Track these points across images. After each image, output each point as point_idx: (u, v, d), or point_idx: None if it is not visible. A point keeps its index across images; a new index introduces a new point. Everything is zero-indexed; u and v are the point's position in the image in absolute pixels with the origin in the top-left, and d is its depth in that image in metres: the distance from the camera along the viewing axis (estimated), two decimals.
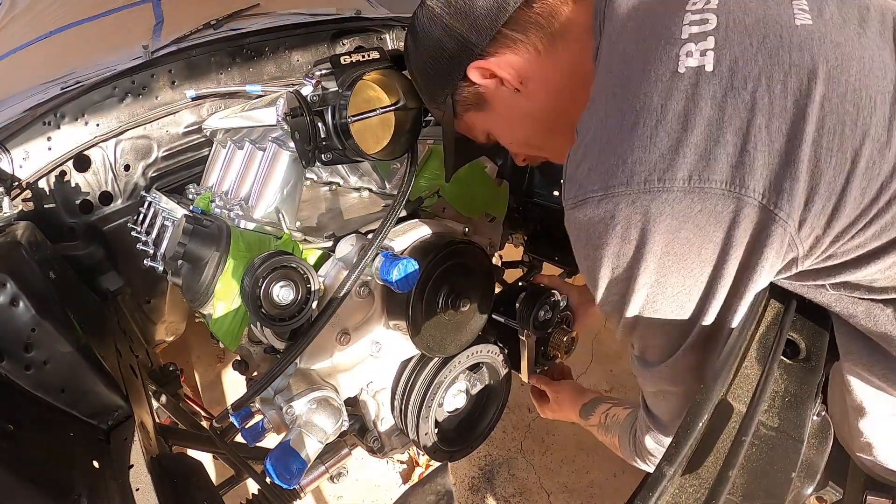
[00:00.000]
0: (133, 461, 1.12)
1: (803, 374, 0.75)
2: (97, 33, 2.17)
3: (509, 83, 0.89)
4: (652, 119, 0.66)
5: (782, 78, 0.63)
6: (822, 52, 0.64)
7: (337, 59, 1.11)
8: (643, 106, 0.67)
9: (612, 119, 0.70)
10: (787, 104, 0.63)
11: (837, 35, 0.65)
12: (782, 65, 0.64)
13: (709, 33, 0.67)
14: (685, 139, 0.64)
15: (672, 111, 0.65)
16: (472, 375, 1.42)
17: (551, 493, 2.23)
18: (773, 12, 0.68)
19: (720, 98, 0.64)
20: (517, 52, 0.87)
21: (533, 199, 1.75)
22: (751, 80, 0.64)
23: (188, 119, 1.79)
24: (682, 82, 0.66)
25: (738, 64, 0.65)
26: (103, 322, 1.52)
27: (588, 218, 0.70)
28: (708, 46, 0.66)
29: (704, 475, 0.61)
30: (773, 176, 0.62)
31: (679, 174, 0.63)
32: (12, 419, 1.00)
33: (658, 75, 0.67)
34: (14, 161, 1.49)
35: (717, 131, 0.63)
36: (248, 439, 1.13)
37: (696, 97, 0.64)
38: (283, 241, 1.20)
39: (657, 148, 0.65)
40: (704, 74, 0.65)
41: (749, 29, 0.67)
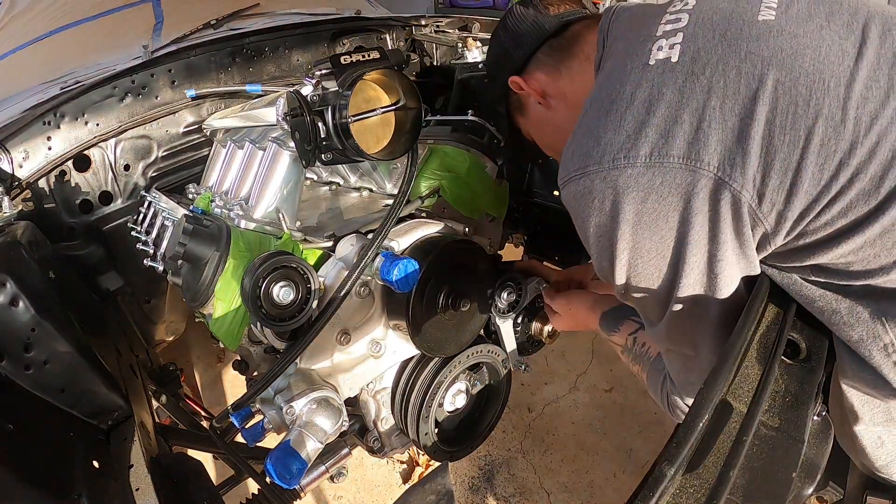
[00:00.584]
0: (133, 461, 1.12)
1: (804, 374, 0.76)
2: (97, 33, 2.17)
3: (534, 97, 1.05)
4: (623, 105, 0.75)
5: (737, 64, 0.71)
6: (778, 42, 0.71)
7: (337, 59, 1.11)
8: (617, 94, 0.77)
9: (594, 108, 0.81)
10: (739, 87, 0.70)
11: (797, 28, 0.72)
12: (738, 53, 0.71)
13: (679, 30, 0.77)
14: (648, 121, 0.73)
15: (639, 97, 0.74)
16: (473, 375, 1.42)
17: (551, 493, 2.23)
18: (740, 9, 0.76)
19: (681, 84, 0.72)
20: (545, 71, 1.04)
21: (533, 199, 1.75)
22: (709, 66, 0.72)
23: (188, 119, 1.78)
24: (650, 72, 0.75)
25: (700, 54, 0.73)
26: (103, 322, 1.51)
27: (573, 194, 0.81)
28: (676, 41, 0.76)
29: (705, 475, 0.61)
30: (727, 150, 0.70)
31: (642, 151, 0.72)
32: (12, 419, 1.00)
33: (632, 67, 0.78)
34: (14, 161, 1.48)
35: (676, 113, 0.72)
36: (248, 439, 1.12)
37: (660, 84, 0.74)
38: (283, 241, 1.20)
39: (624, 130, 0.74)
40: (669, 64, 0.74)
41: (714, 24, 0.75)
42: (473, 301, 1.28)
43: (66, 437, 1.12)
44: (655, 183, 0.73)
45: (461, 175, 1.41)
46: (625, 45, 0.84)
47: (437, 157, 1.40)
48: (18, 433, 0.99)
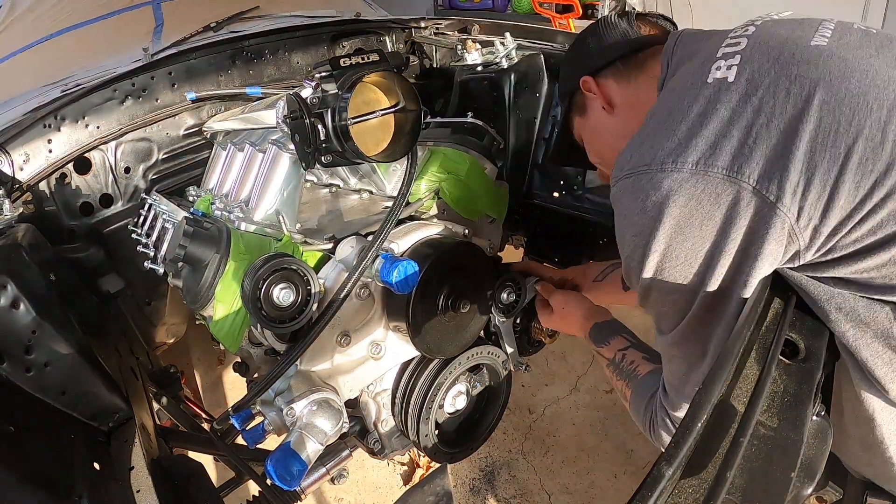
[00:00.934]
0: (133, 463, 1.12)
1: (802, 374, 0.75)
2: (97, 36, 2.17)
3: (602, 101, 1.09)
4: (679, 116, 0.80)
5: (787, 86, 0.75)
6: (828, 66, 0.75)
7: (336, 62, 1.11)
8: (676, 107, 0.82)
9: (654, 118, 0.86)
10: (787, 108, 0.74)
11: (847, 53, 0.77)
12: (789, 76, 0.76)
13: (737, 52, 0.82)
14: (700, 133, 0.77)
15: (695, 111, 0.79)
16: (473, 377, 1.42)
17: (552, 495, 2.23)
18: (796, 35, 0.82)
19: (734, 103, 0.77)
20: (617, 81, 1.08)
21: (533, 201, 1.75)
22: (761, 88, 0.76)
23: (188, 121, 1.79)
24: (707, 90, 0.80)
25: (754, 76, 0.78)
26: (104, 324, 1.52)
27: (620, 192, 0.85)
28: (734, 63, 0.81)
29: (704, 475, 0.61)
30: (768, 165, 0.73)
31: (690, 159, 0.76)
32: (13, 421, 1.01)
33: (692, 84, 0.83)
34: (14, 163, 1.49)
35: (727, 128, 0.76)
36: (248, 441, 1.13)
37: (716, 101, 0.78)
38: (284, 243, 1.20)
39: (676, 137, 0.79)
40: (726, 84, 0.79)
41: (770, 49, 0.80)
42: (473, 302, 1.28)
43: (66, 439, 1.12)
44: (697, 190, 0.76)
45: (461, 177, 1.41)
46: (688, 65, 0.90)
47: (436, 159, 1.40)
48: (19, 435, 0.99)
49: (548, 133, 1.68)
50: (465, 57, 1.77)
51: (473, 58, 1.75)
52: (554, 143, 1.33)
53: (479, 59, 1.75)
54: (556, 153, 1.35)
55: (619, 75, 1.08)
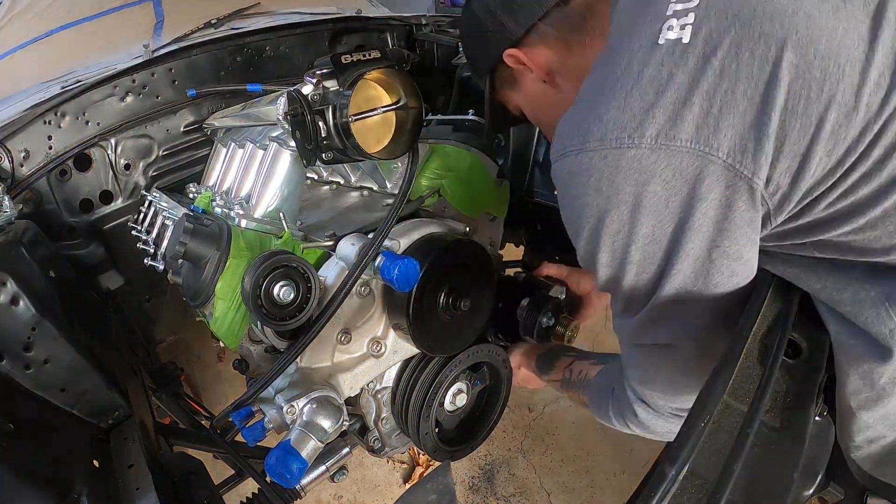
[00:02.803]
0: (133, 460, 1.12)
1: (805, 374, 0.75)
2: (98, 32, 2.17)
3: (540, 74, 0.97)
4: (629, 83, 0.72)
5: (751, 46, 0.67)
6: (794, 23, 0.67)
7: (338, 58, 1.11)
8: (623, 71, 0.73)
9: (596, 83, 0.77)
10: (752, 70, 0.67)
11: (812, 8, 0.68)
12: (752, 34, 0.67)
13: (690, 9, 0.72)
14: (656, 102, 0.69)
15: (647, 77, 0.71)
16: (473, 375, 1.42)
17: (551, 493, 2.23)
18: None
19: (692, 66, 0.69)
20: (548, 46, 0.94)
21: (534, 199, 1.75)
22: (721, 48, 0.68)
23: (189, 118, 1.79)
24: (659, 52, 0.71)
25: (712, 36, 0.69)
26: (104, 321, 1.52)
27: (567, 170, 0.77)
28: (687, 21, 0.71)
29: (706, 475, 0.60)
30: (738, 136, 0.67)
31: (648, 132, 0.69)
32: (12, 418, 1.00)
33: (640, 45, 0.73)
34: (15, 160, 1.49)
35: (686, 95, 0.68)
36: (248, 439, 1.12)
37: (670, 65, 0.70)
38: (284, 241, 1.20)
39: (630, 109, 0.70)
40: (681, 45, 0.70)
41: (727, 3, 0.70)
42: (474, 301, 1.28)
43: (66, 437, 1.12)
44: (660, 166, 0.70)
45: (462, 174, 1.41)
46: (630, 21, 0.79)
47: (437, 157, 1.40)
48: (18, 432, 0.99)
49: None
50: None
51: None
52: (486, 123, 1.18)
53: None
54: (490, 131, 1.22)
55: (550, 39, 0.93)
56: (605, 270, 0.81)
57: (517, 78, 1.03)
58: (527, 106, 1.08)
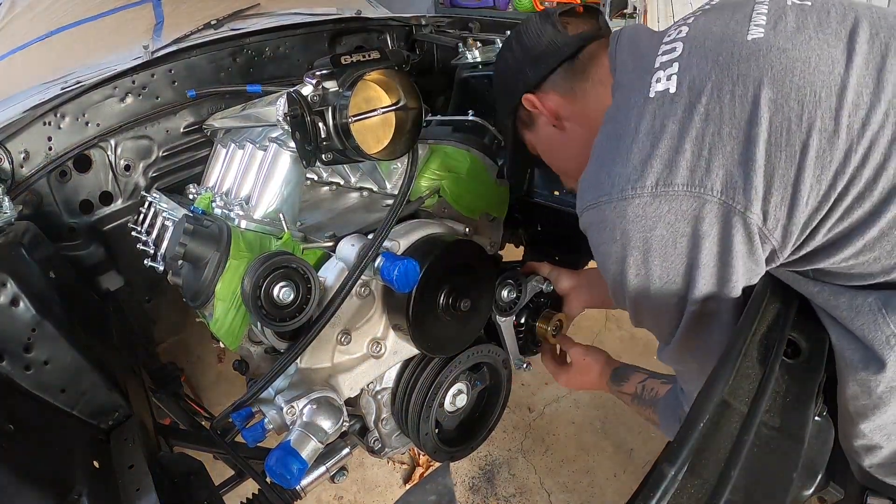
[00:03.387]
0: (133, 461, 1.12)
1: (804, 374, 0.75)
2: (97, 33, 2.16)
3: (550, 119, 1.06)
4: (629, 138, 0.78)
5: (731, 88, 0.73)
6: (768, 60, 0.73)
7: (337, 59, 1.11)
8: (623, 128, 0.80)
9: (604, 142, 0.85)
10: (735, 111, 0.72)
11: (785, 42, 0.74)
12: (731, 77, 0.73)
13: (674, 60, 0.79)
14: (652, 153, 0.75)
15: (643, 130, 0.77)
16: (473, 375, 1.42)
17: (552, 493, 2.23)
18: (731, 31, 0.78)
19: (680, 114, 0.75)
20: (559, 93, 1.04)
21: (533, 200, 1.75)
22: (705, 94, 0.74)
23: (188, 119, 1.79)
24: (651, 105, 0.78)
25: (695, 82, 0.75)
26: (104, 322, 1.52)
27: (588, 224, 0.85)
28: (673, 72, 0.78)
29: (706, 475, 0.61)
30: (728, 174, 0.72)
31: (648, 182, 0.75)
32: (12, 419, 1.00)
33: (634, 101, 0.81)
34: (15, 161, 1.49)
35: (678, 143, 0.74)
36: (248, 439, 1.12)
37: (662, 116, 0.76)
38: (284, 241, 1.20)
39: (631, 162, 0.77)
40: (668, 96, 0.77)
41: (706, 50, 0.77)
42: (474, 301, 1.28)
43: (66, 438, 1.12)
44: (662, 211, 0.75)
45: (462, 175, 1.41)
46: (628, 77, 0.87)
47: (437, 158, 1.40)
48: (19, 433, 0.99)
49: None
50: (466, 55, 1.76)
51: (474, 55, 1.75)
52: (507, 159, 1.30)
53: (479, 57, 1.74)
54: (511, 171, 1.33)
55: (561, 87, 1.03)
56: (632, 308, 0.88)
57: (534, 120, 1.12)
58: (539, 146, 1.17)
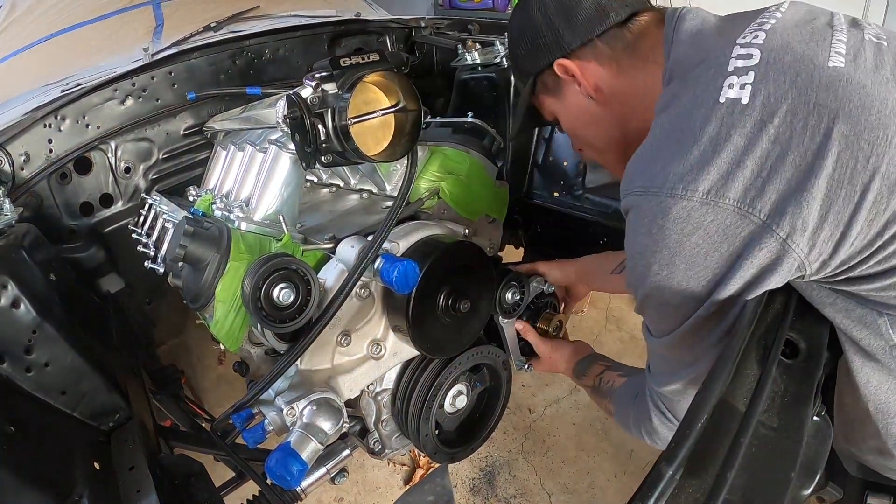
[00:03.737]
0: (134, 463, 1.12)
1: (802, 374, 0.75)
2: (97, 36, 2.17)
3: (585, 88, 0.99)
4: (691, 139, 0.76)
5: (804, 116, 0.71)
6: (847, 94, 0.71)
7: (337, 61, 1.11)
8: (686, 126, 0.78)
9: (664, 134, 0.82)
10: (804, 140, 0.70)
11: (865, 78, 0.72)
12: (808, 103, 0.71)
13: (750, 68, 0.76)
14: (712, 160, 0.73)
15: (707, 135, 0.75)
16: (473, 377, 1.42)
17: (552, 494, 2.23)
18: (811, 52, 0.76)
19: (748, 129, 0.73)
20: (601, 63, 0.96)
21: (533, 201, 1.75)
22: (778, 115, 0.72)
23: (188, 121, 1.79)
24: (720, 111, 0.75)
25: (770, 100, 0.73)
26: (104, 324, 1.52)
27: (630, 206, 0.83)
28: (747, 81, 0.75)
29: (704, 475, 0.61)
30: (781, 200, 0.71)
31: (701, 187, 0.73)
32: (13, 421, 1.01)
33: (702, 101, 0.78)
34: (15, 163, 1.49)
35: (741, 157, 0.72)
36: (248, 441, 1.13)
37: (729, 125, 0.74)
38: (284, 243, 1.20)
39: (689, 163, 0.75)
40: (740, 106, 0.74)
41: (785, 67, 0.75)
42: (473, 302, 1.28)
43: (66, 439, 1.12)
44: (706, 220, 0.74)
45: (461, 177, 1.41)
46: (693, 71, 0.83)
47: (437, 159, 1.40)
48: (19, 435, 0.99)
49: (548, 133, 1.68)
50: (466, 56, 1.77)
51: (473, 57, 1.75)
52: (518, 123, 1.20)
53: (479, 59, 1.75)
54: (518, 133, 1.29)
55: (604, 58, 0.96)
56: (642, 298, 0.88)
57: (561, 87, 1.04)
58: (564, 115, 1.09)
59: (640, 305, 0.90)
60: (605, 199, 1.57)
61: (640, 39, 0.94)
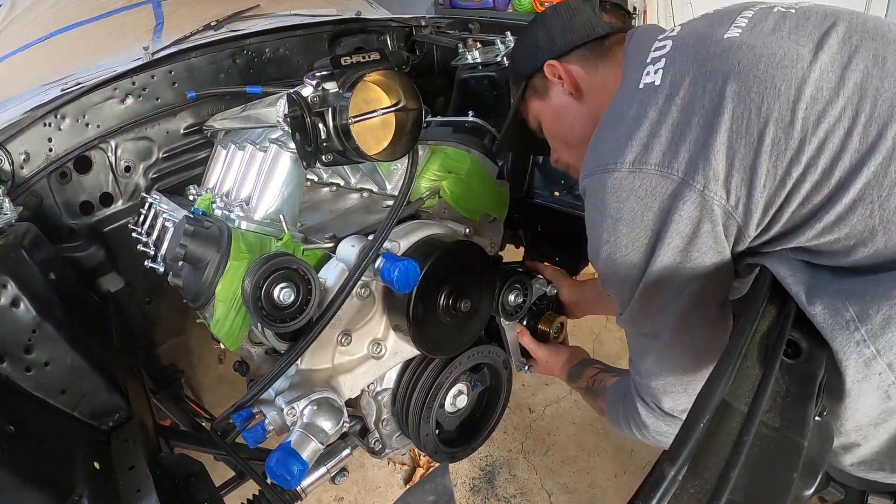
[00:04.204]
0: (134, 462, 1.12)
1: (804, 373, 0.75)
2: (98, 35, 2.17)
3: (567, 86, 1.12)
4: (619, 122, 0.90)
5: (703, 83, 0.83)
6: (736, 56, 0.82)
7: (337, 60, 1.11)
8: (616, 113, 0.92)
9: (603, 125, 0.96)
10: (704, 103, 0.82)
11: (756, 40, 0.83)
12: (704, 72, 0.83)
13: (663, 55, 0.90)
14: (634, 135, 0.86)
15: (630, 115, 0.88)
16: (474, 376, 1.42)
17: (552, 494, 2.23)
18: (712, 31, 0.89)
19: (660, 104, 0.85)
20: (583, 67, 1.11)
21: (533, 201, 1.75)
22: (683, 88, 0.84)
23: (189, 120, 1.79)
24: (639, 94, 0.89)
25: (676, 77, 0.86)
26: (104, 323, 1.52)
27: (582, 191, 0.96)
28: (660, 66, 0.89)
29: (706, 475, 0.60)
30: (692, 158, 0.81)
31: (627, 159, 0.86)
32: (13, 420, 1.01)
33: (627, 90, 0.92)
34: (15, 162, 1.49)
35: (656, 129, 0.85)
36: (249, 440, 1.13)
37: (646, 104, 0.87)
38: (284, 243, 1.20)
39: (617, 141, 0.88)
40: (653, 87, 0.88)
41: (689, 48, 0.88)
42: (474, 302, 1.28)
43: (66, 439, 1.12)
44: (635, 186, 0.85)
45: (462, 176, 1.41)
46: (629, 70, 0.98)
47: (437, 158, 1.40)
48: (19, 434, 0.99)
49: None
50: (466, 56, 1.77)
51: (474, 56, 1.75)
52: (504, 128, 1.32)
53: (479, 58, 1.75)
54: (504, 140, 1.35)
55: (586, 61, 1.11)
56: (601, 272, 0.98)
57: (547, 88, 1.16)
58: (547, 114, 1.20)
59: (602, 280, 1.00)
60: None
61: (612, 51, 1.10)
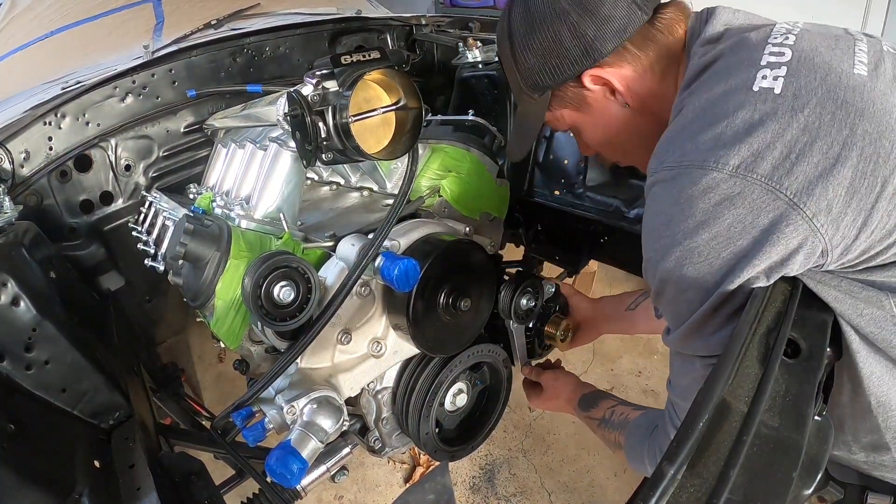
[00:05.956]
0: (134, 461, 1.12)
1: (804, 373, 0.75)
2: (98, 33, 2.17)
3: (621, 96, 0.97)
4: (724, 120, 0.79)
5: (832, 109, 0.76)
6: (871, 98, 0.77)
7: (337, 59, 1.11)
8: (720, 110, 0.81)
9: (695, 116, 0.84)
10: (832, 131, 0.75)
11: (885, 87, 0.79)
12: (836, 100, 0.76)
13: (783, 63, 0.81)
14: (744, 139, 0.77)
15: (741, 117, 0.78)
16: (473, 375, 1.42)
17: (552, 493, 2.23)
18: (837, 58, 0.82)
19: (780, 115, 0.77)
20: (634, 68, 0.95)
21: (534, 199, 1.75)
22: (808, 106, 0.77)
23: (189, 119, 1.79)
24: (753, 97, 0.79)
25: (801, 92, 0.78)
26: (104, 322, 1.52)
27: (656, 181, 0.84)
28: (780, 73, 0.80)
29: (705, 475, 0.60)
30: (807, 181, 0.74)
31: (732, 161, 0.76)
32: (13, 419, 1.01)
33: (736, 89, 0.81)
34: (15, 161, 1.49)
35: (772, 140, 0.76)
36: (249, 439, 1.13)
37: (762, 111, 0.78)
38: (284, 241, 1.20)
39: (721, 139, 0.78)
40: (772, 95, 0.78)
41: (815, 67, 0.80)
42: (474, 301, 1.28)
43: (67, 437, 1.12)
44: (734, 192, 0.76)
45: (462, 175, 1.41)
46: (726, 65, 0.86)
47: (437, 157, 1.40)
48: (20, 433, 0.99)
49: (548, 132, 1.68)
50: (466, 55, 1.77)
51: (474, 55, 1.75)
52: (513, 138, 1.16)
53: (480, 57, 1.74)
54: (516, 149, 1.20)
55: (635, 59, 0.93)
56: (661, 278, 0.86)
57: (585, 98, 0.99)
58: (591, 126, 1.05)
59: (658, 289, 0.88)
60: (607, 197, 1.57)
61: (668, 39, 0.94)
